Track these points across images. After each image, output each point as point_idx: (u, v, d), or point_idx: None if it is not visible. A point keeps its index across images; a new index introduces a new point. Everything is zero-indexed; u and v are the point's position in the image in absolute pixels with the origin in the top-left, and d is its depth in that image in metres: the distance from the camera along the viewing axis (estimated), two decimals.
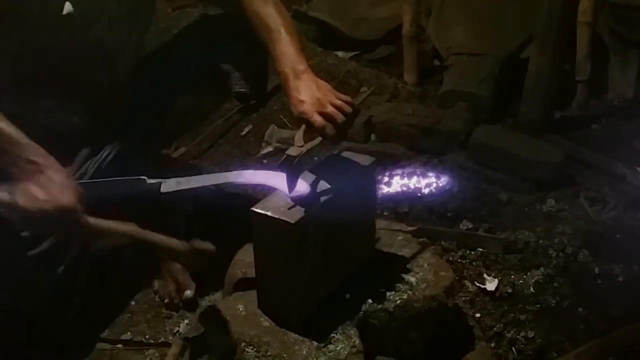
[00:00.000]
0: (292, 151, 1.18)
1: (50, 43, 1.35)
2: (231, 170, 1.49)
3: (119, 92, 1.52)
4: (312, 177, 1.25)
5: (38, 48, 1.34)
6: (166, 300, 1.58)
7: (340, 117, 1.24)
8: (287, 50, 1.32)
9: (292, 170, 1.17)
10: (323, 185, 1.23)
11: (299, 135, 1.23)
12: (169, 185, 1.29)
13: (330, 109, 1.24)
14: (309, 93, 1.26)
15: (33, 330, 1.44)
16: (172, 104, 1.66)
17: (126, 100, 1.54)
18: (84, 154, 1.48)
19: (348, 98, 1.29)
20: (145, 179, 1.28)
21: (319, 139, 1.24)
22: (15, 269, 1.27)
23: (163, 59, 1.62)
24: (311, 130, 1.25)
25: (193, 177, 1.34)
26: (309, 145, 1.21)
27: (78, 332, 1.49)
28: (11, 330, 1.39)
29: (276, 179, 1.20)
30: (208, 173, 1.63)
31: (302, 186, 1.21)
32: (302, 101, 1.26)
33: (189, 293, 1.56)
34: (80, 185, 1.13)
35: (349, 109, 1.27)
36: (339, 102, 1.26)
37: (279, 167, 1.18)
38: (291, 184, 1.18)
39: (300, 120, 1.27)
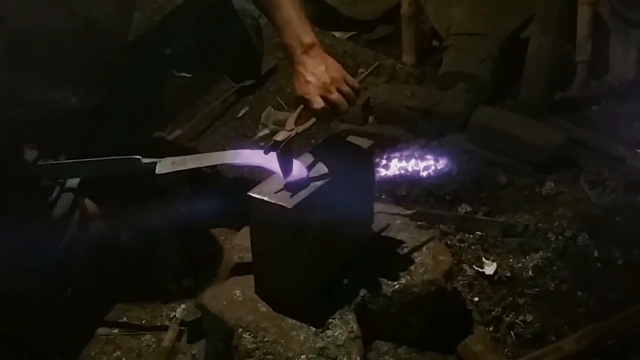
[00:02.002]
0: (279, 136, 1.15)
1: (43, 22, 1.32)
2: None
3: (114, 72, 1.50)
4: (309, 160, 1.23)
5: (31, 28, 1.31)
6: (164, 288, 1.57)
7: (345, 107, 1.19)
8: (290, 19, 1.24)
9: (282, 155, 1.15)
10: (320, 168, 1.21)
11: (291, 118, 1.19)
12: (165, 165, 1.27)
13: (335, 96, 1.18)
14: (316, 74, 1.19)
15: (28, 314, 1.43)
16: (167, 84, 1.64)
17: (121, 81, 1.52)
18: (80, 134, 1.46)
19: (355, 83, 1.23)
20: (140, 159, 1.26)
21: (312, 121, 1.21)
22: (11, 249, 1.25)
23: (157, 39, 1.60)
24: (309, 111, 1.22)
25: (189, 156, 1.32)
26: (300, 128, 1.18)
27: (74, 317, 1.48)
28: (6, 314, 1.38)
29: (274, 162, 1.18)
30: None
31: (299, 170, 1.19)
32: (307, 82, 1.19)
33: (187, 282, 1.55)
34: None
35: (355, 98, 1.21)
36: (346, 89, 1.19)
37: (265, 152, 1.15)
38: (284, 169, 1.16)
39: (300, 101, 1.22)
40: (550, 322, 1.43)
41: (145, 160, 1.25)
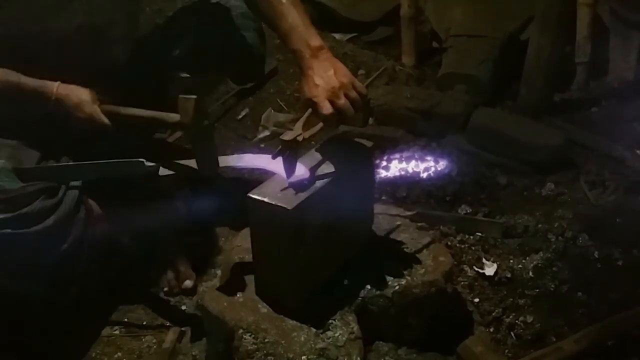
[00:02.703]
0: (287, 135, 1.15)
1: (46, 28, 1.33)
2: (228, 154, 1.48)
3: (117, 75, 1.50)
4: (310, 161, 1.23)
5: (34, 32, 1.32)
6: (165, 289, 1.57)
7: (351, 113, 1.19)
8: (296, 24, 1.25)
9: (289, 155, 1.15)
10: (321, 170, 1.22)
11: (300, 121, 1.20)
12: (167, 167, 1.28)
13: (343, 102, 1.18)
14: (325, 78, 1.19)
15: (29, 314, 1.43)
16: (168, 86, 1.64)
17: (123, 83, 1.52)
18: (82, 135, 1.46)
19: (363, 88, 1.23)
20: (143, 162, 1.26)
21: (320, 126, 1.22)
22: (16, 246, 1.25)
23: (158, 41, 1.60)
24: (316, 115, 1.22)
25: (191, 160, 1.32)
26: (308, 133, 1.18)
27: (75, 318, 1.48)
28: (7, 314, 1.38)
29: (275, 164, 1.18)
30: None
31: (300, 171, 1.19)
32: (316, 85, 1.19)
33: (188, 283, 1.55)
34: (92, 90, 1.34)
35: (361, 104, 1.21)
36: (354, 95, 1.20)
37: (276, 155, 1.16)
38: (289, 169, 1.16)
39: (309, 104, 1.22)
40: (550, 322, 1.44)
41: (149, 163, 1.26)
